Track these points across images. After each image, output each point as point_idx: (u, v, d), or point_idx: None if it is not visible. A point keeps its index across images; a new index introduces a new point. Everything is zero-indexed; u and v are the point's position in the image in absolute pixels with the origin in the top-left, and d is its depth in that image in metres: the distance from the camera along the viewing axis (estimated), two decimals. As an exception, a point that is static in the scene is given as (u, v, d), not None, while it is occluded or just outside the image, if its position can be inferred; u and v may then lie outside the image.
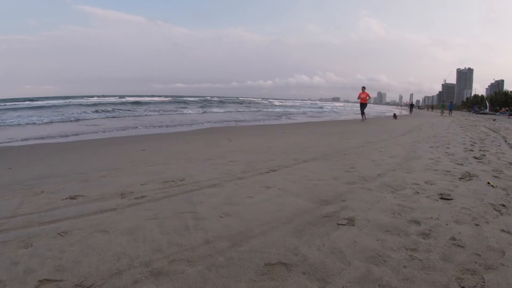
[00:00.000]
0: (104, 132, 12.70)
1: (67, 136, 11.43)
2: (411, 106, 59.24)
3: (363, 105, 22.38)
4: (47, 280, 2.12)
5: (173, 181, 4.34)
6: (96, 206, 3.49)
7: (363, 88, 22.35)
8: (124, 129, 13.82)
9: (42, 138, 11.17)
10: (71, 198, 3.78)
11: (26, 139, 10.63)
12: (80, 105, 35.02)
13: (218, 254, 2.35)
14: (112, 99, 55.50)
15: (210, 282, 2.02)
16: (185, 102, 51.12)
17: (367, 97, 22.32)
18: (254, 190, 3.88)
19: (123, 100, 52.76)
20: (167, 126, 15.55)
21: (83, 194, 3.90)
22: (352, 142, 8.77)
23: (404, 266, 2.19)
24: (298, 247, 2.43)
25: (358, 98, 22.31)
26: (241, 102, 60.84)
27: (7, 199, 3.91)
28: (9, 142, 10.02)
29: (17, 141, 10.26)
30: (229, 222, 2.93)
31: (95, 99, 53.73)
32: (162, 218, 3.06)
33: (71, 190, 4.12)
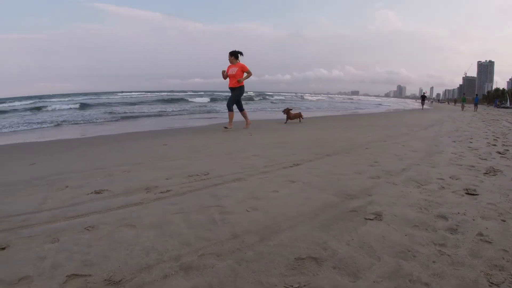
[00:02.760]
0: (123, 127, 12.82)
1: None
2: (423, 98, 47.72)
3: (234, 92, 11.09)
4: (75, 275, 2.12)
5: (197, 175, 4.34)
6: (121, 200, 3.49)
7: (233, 55, 11.07)
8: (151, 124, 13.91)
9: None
10: (96, 192, 3.80)
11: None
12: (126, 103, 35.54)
13: (247, 248, 2.34)
14: (134, 95, 55.80)
15: (240, 276, 2.01)
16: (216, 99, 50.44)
17: (240, 77, 10.91)
18: (279, 184, 3.87)
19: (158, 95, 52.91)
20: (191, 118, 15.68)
21: (108, 188, 3.92)
22: (372, 136, 8.70)
23: (434, 262, 2.16)
24: (327, 242, 2.41)
25: (225, 77, 11.21)
26: (260, 96, 59.19)
27: (31, 194, 3.94)
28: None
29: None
30: (256, 216, 2.92)
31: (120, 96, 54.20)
32: (188, 212, 3.06)
33: (95, 184, 4.14)
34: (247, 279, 1.99)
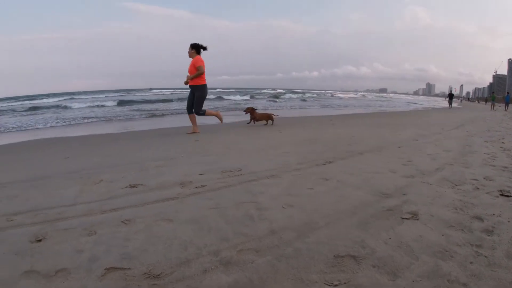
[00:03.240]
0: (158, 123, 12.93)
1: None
2: (451, 96, 44.63)
3: (195, 92, 9.31)
4: (114, 268, 2.14)
5: (231, 171, 4.36)
6: (157, 195, 3.52)
7: (194, 48, 9.29)
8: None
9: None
10: (131, 186, 3.84)
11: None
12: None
13: (286, 245, 2.34)
14: (165, 91, 56.12)
15: (280, 272, 2.01)
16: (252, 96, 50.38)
17: (191, 73, 9.18)
18: (312, 181, 3.85)
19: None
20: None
21: (143, 183, 3.96)
22: (404, 134, 8.61)
23: (471, 262, 2.13)
24: (364, 240, 2.40)
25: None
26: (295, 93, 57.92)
27: (66, 188, 4.00)
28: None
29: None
30: (292, 213, 2.92)
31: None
32: (224, 207, 3.07)
33: (130, 179, 4.19)
34: (287, 276, 1.99)
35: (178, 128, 10.37)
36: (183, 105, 21.60)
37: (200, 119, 9.45)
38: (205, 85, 9.35)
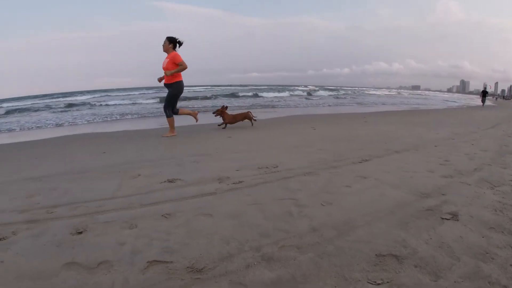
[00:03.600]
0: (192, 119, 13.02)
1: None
2: (484, 93, 40.09)
3: (169, 89, 8.65)
4: (157, 261, 2.17)
5: (267, 167, 4.37)
6: (195, 189, 3.56)
7: (172, 42, 8.41)
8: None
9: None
10: (169, 181, 3.90)
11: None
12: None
13: (327, 242, 2.34)
14: (198, 89, 56.26)
15: (323, 270, 2.02)
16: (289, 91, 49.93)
17: (170, 69, 8.27)
18: (350, 179, 3.84)
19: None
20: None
21: (180, 178, 4.01)
22: (441, 133, 8.47)
23: (511, 265, 2.12)
24: (405, 240, 2.39)
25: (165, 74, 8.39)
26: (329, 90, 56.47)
27: (106, 181, 4.08)
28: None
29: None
30: (331, 210, 2.91)
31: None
32: (263, 203, 3.08)
33: (168, 174, 4.25)
34: (330, 273, 1.99)
35: (211, 125, 10.39)
36: (217, 102, 21.71)
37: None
38: (181, 82, 8.63)
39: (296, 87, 65.63)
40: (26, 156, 6.52)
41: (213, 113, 10.11)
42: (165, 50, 8.49)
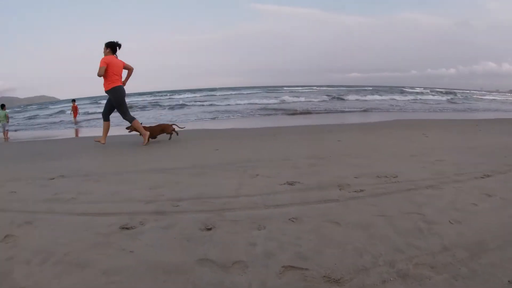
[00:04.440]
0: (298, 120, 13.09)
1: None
2: None
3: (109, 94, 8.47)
4: (292, 267, 2.21)
5: (386, 176, 4.28)
6: (317, 195, 3.60)
7: (109, 47, 8.31)
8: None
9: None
10: (289, 184, 3.97)
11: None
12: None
13: (460, 264, 2.27)
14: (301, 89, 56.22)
15: (460, 293, 1.97)
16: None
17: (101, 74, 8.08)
18: (475, 196, 3.65)
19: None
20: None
21: (300, 181, 4.07)
22: None
23: None
24: (540, 268, 2.27)
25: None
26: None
27: (226, 179, 4.24)
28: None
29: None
30: (461, 229, 2.81)
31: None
32: (390, 216, 3.04)
33: (286, 175, 4.33)
34: (466, 296, 1.94)
35: (322, 126, 10.40)
36: (323, 105, 21.71)
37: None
38: (114, 89, 8.27)
39: (402, 88, 63.30)
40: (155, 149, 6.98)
41: (127, 128, 8.94)
42: (105, 55, 8.24)
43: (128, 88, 8.30)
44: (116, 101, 8.40)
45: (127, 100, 8.58)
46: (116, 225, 3.06)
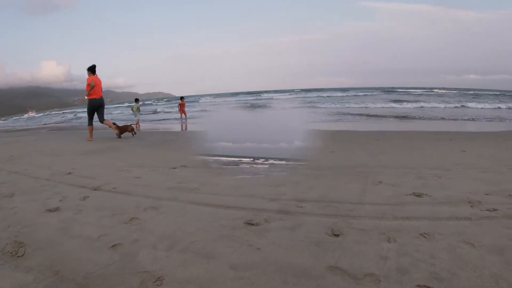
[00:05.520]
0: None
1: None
2: None
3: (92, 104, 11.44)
4: (427, 286, 2.10)
5: (524, 197, 3.84)
6: (446, 210, 3.39)
7: (89, 70, 11.22)
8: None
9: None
10: (416, 195, 3.81)
11: None
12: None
13: None
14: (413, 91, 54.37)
15: None
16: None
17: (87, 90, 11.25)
18: None
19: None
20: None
21: (427, 193, 3.88)
22: None
23: None
24: None
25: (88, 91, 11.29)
26: None
27: (347, 183, 4.18)
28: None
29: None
30: None
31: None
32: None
33: (410, 185, 4.18)
34: None
35: (436, 133, 9.92)
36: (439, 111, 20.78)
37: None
38: (90, 100, 11.30)
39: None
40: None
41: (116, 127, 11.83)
42: (89, 76, 11.21)
43: (252, 87, 8.88)
44: (88, 107, 11.49)
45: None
46: (241, 220, 3.14)
